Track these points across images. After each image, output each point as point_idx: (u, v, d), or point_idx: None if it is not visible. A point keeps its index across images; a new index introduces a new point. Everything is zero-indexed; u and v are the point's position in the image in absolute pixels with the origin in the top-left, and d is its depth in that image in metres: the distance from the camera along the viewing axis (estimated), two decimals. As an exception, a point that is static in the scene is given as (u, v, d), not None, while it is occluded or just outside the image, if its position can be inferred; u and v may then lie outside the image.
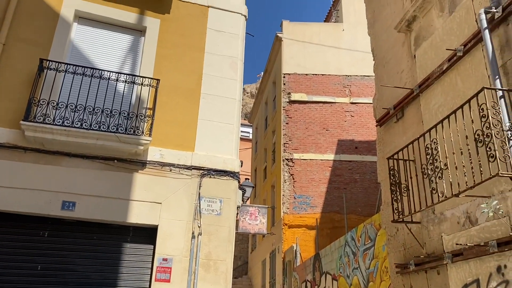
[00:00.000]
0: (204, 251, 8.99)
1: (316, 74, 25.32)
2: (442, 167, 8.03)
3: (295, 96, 24.73)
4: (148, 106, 9.22)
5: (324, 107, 24.74)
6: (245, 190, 12.46)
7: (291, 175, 22.22)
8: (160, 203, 8.99)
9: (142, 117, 8.99)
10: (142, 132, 8.84)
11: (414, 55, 10.27)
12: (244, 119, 61.86)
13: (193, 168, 9.39)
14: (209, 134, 9.80)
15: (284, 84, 24.71)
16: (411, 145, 9.58)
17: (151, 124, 8.99)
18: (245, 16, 10.90)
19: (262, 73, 35.76)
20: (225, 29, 10.88)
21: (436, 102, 9.30)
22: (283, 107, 24.35)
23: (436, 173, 8.14)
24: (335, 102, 24.13)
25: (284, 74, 24.93)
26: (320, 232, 20.50)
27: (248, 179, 18.14)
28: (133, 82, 9.33)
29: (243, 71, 10.38)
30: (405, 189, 9.04)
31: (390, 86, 11.12)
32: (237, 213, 10.60)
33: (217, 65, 10.44)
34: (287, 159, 22.84)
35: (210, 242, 8.99)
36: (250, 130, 50.47)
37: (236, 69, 10.56)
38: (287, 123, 24.19)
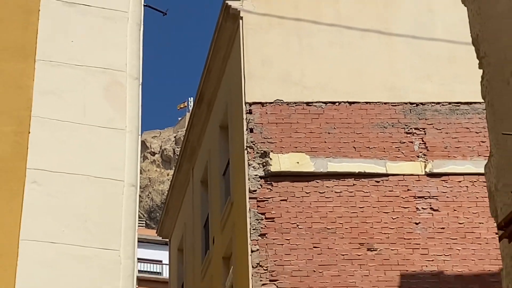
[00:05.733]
0: None
1: (334, 103, 17.90)
2: None
3: (282, 162, 17.24)
4: None
5: (360, 187, 17.21)
6: None
7: None
8: None
9: None
10: None
11: None
12: (147, 227, 48.26)
13: None
14: (51, 278, 7.25)
15: (251, 130, 17.65)
16: None
17: None
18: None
19: (192, 102, 26.08)
20: (89, 0, 8.28)
21: None
22: (252, 191, 17.02)
23: None
24: (387, 175, 17.23)
25: (251, 104, 17.84)
26: None
27: None
28: None
29: (141, 104, 8.10)
30: None
31: (527, 136, 8.90)
32: None
33: (69, 92, 8.01)
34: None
35: None
36: (163, 255, 37.16)
37: (123, 101, 8.04)
38: (262, 235, 16.67)
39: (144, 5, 8.70)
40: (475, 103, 17.06)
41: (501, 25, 8.76)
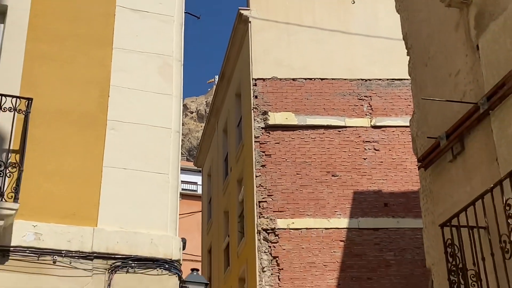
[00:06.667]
0: None
1: (311, 79, 17.13)
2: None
3: (276, 118, 16.68)
4: (11, 147, 6.31)
5: (327, 135, 16.59)
6: (192, 293, 9.00)
7: (274, 258, 15.46)
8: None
9: (1, 167, 6.18)
10: (1, 195, 5.92)
11: (477, 45, 6.58)
12: (187, 160, 45.13)
13: (97, 257, 6.27)
14: (123, 192, 6.94)
15: (256, 97, 17.04)
16: (480, 201, 5.91)
17: (18, 179, 6.08)
18: (183, -13, 8.32)
19: (217, 78, 25.05)
20: (148, 8, 7.66)
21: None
22: (256, 137, 16.54)
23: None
24: (345, 127, 16.70)
25: (255, 79, 17.16)
26: None
27: (198, 270, 10.43)
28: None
29: (183, 78, 7.50)
30: (474, 278, 5.95)
31: (438, 100, 7.11)
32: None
33: (135, 70, 7.50)
34: (265, 230, 15.68)
35: None
36: (197, 179, 35.64)
37: (170, 76, 7.44)
38: (263, 166, 16.26)
39: (185, 12, 8.26)
40: (404, 79, 16.04)
41: (421, 27, 8.41)
